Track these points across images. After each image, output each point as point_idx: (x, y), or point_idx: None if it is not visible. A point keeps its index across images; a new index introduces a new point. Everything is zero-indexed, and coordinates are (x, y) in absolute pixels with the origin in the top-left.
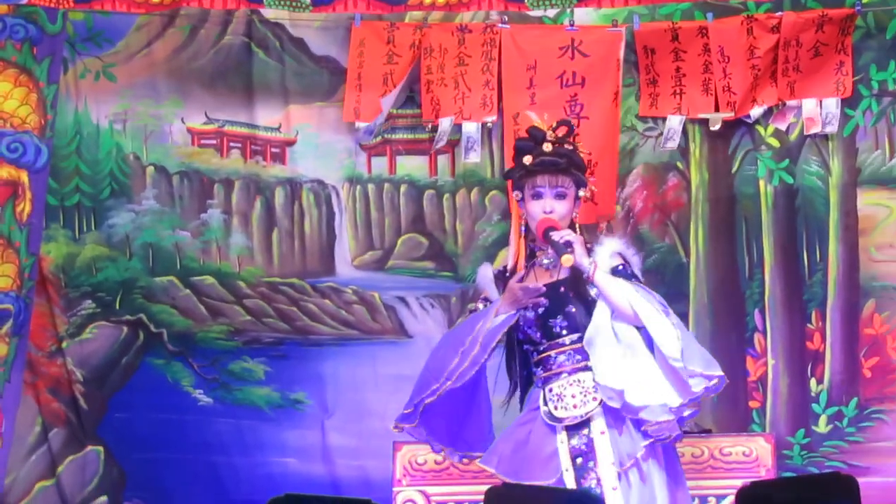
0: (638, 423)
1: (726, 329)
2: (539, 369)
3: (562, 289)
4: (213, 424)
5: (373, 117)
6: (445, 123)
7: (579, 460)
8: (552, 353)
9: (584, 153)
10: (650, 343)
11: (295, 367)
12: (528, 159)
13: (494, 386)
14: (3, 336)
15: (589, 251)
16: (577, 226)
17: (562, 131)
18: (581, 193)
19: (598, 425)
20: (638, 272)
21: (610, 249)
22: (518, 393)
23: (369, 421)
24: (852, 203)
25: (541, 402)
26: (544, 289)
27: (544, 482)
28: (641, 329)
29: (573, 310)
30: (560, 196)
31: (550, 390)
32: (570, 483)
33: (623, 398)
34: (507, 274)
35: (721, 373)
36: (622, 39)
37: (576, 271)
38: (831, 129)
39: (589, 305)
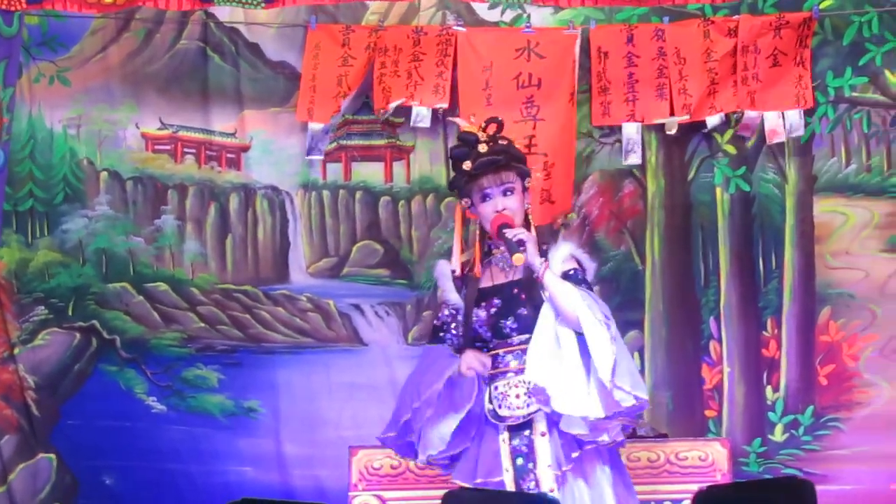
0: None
1: (682, 337)
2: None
3: (515, 290)
4: (166, 432)
5: (326, 118)
6: (392, 106)
7: (519, 461)
8: (500, 351)
9: (533, 150)
10: (587, 352)
11: (249, 374)
12: (467, 164)
13: None
14: None
15: (544, 252)
16: (530, 218)
17: (492, 129)
18: (527, 184)
19: (540, 427)
20: (592, 277)
21: (565, 252)
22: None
23: (323, 429)
24: (808, 210)
25: (486, 400)
26: (483, 367)
27: (485, 480)
28: (581, 336)
29: (524, 312)
30: (508, 192)
31: (496, 388)
32: (510, 483)
33: (548, 401)
34: (466, 273)
35: (646, 397)
36: (577, 40)
37: (530, 273)
38: (798, 133)
39: (540, 308)
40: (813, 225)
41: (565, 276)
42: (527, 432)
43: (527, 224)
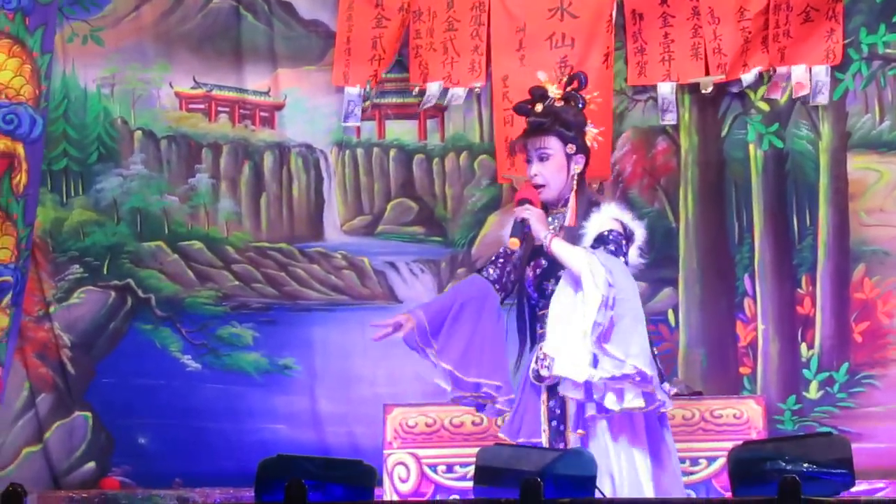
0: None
1: (716, 294)
2: (538, 326)
3: None
4: (201, 390)
5: (362, 81)
6: (434, 88)
7: (554, 423)
8: (544, 312)
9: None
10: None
11: (283, 332)
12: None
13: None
14: (3, 308)
15: (587, 215)
16: (574, 182)
17: (573, 85)
18: (570, 150)
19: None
20: (641, 240)
21: (609, 214)
22: (528, 349)
23: (358, 387)
24: (842, 167)
25: (532, 361)
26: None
27: (530, 440)
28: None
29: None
30: (543, 158)
31: (540, 349)
32: (546, 444)
33: (551, 367)
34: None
35: (643, 368)
36: (610, 0)
37: (571, 236)
38: (823, 99)
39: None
40: (847, 182)
41: (599, 237)
42: (560, 394)
43: (573, 189)
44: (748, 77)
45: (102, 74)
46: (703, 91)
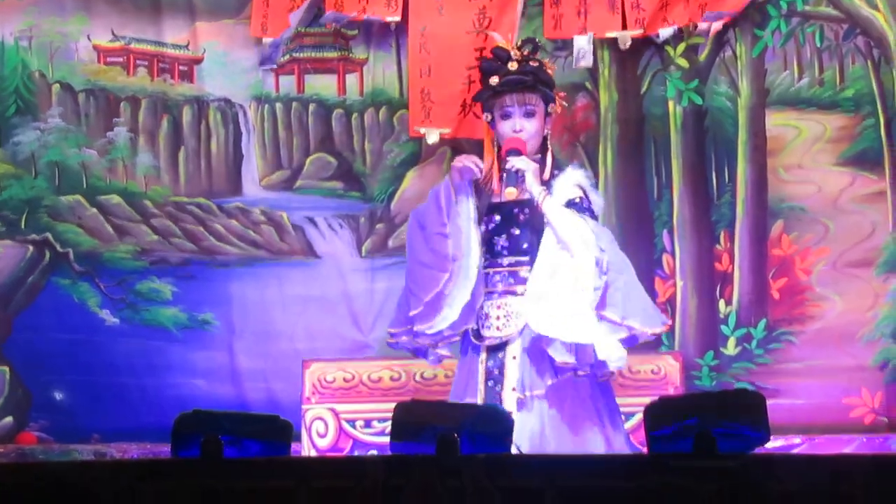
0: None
1: (635, 250)
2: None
3: (515, 210)
4: (120, 345)
5: (280, 32)
6: (342, 17)
7: (490, 382)
8: (490, 271)
9: (551, 68)
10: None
11: (202, 287)
12: (494, 80)
13: None
14: None
15: (552, 177)
16: (548, 143)
17: (527, 49)
18: (550, 110)
19: (513, 350)
20: (598, 210)
21: (572, 180)
22: None
23: (277, 342)
24: (761, 124)
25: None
26: (478, 168)
27: (467, 401)
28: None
29: (516, 232)
30: (529, 114)
31: (481, 308)
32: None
33: (546, 329)
34: (482, 184)
35: (640, 327)
36: None
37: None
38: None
39: (537, 230)
40: (765, 138)
41: (570, 203)
42: (500, 354)
43: (544, 149)
44: (665, 32)
45: (20, 27)
46: (622, 46)
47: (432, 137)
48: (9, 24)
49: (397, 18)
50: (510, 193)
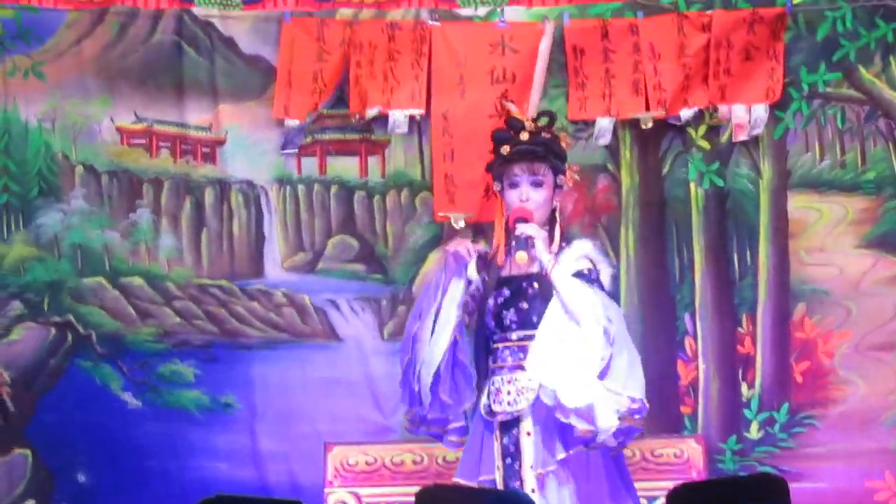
0: (563, 430)
1: (657, 333)
2: (490, 360)
3: (524, 283)
4: (142, 428)
5: (303, 114)
6: (371, 112)
7: (508, 460)
8: (500, 346)
9: (567, 142)
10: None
11: (224, 370)
12: (505, 149)
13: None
14: None
15: (560, 249)
16: (557, 215)
17: (542, 121)
18: (560, 182)
19: (526, 426)
20: (608, 279)
21: (580, 251)
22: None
23: (299, 425)
24: (783, 206)
25: (483, 395)
26: (471, 256)
27: (483, 478)
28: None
29: (525, 306)
30: (536, 184)
31: (493, 384)
32: (500, 482)
33: (556, 398)
34: (489, 259)
35: (640, 397)
36: (551, 34)
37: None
38: (758, 131)
39: (545, 304)
40: (787, 221)
41: (578, 274)
42: (515, 430)
43: (552, 221)
44: (686, 114)
45: (44, 109)
46: (644, 126)
47: (457, 221)
48: (32, 105)
49: (421, 111)
50: (521, 258)
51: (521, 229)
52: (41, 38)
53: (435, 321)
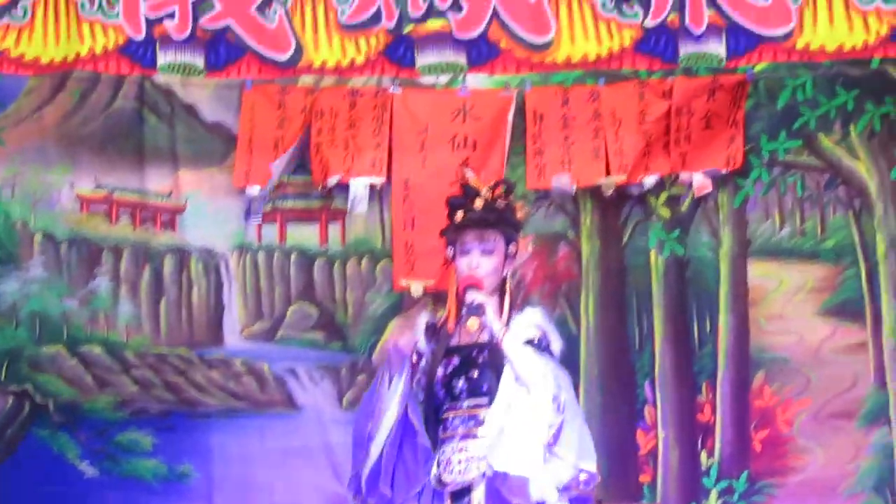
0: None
1: (616, 402)
2: (441, 430)
3: (475, 352)
4: (99, 497)
5: (263, 182)
6: (332, 181)
7: None
8: (451, 415)
9: (522, 211)
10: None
11: (182, 439)
12: (459, 216)
13: None
14: None
15: (510, 318)
16: (507, 285)
17: (499, 190)
18: (511, 251)
19: (477, 495)
20: (557, 350)
21: (530, 320)
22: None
23: (257, 495)
24: (743, 274)
25: (434, 464)
26: (408, 346)
27: None
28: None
29: (476, 374)
30: (487, 252)
31: (443, 453)
32: None
33: (493, 468)
34: (439, 327)
35: (592, 469)
36: (513, 102)
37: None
38: (706, 189)
39: (495, 372)
40: (747, 288)
41: (528, 342)
42: (466, 499)
43: (502, 290)
44: (648, 181)
45: (3, 175)
46: (605, 193)
47: (417, 290)
48: None
49: (382, 179)
50: (472, 325)
51: (472, 296)
52: (2, 104)
53: (381, 420)
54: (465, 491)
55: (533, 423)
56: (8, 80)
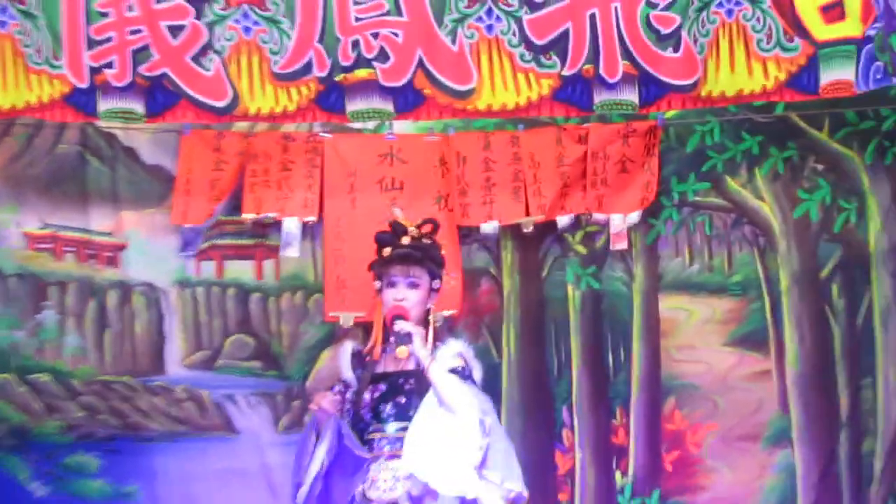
0: None
1: (536, 425)
2: (365, 448)
3: (401, 379)
4: None
5: (200, 220)
6: (292, 226)
7: None
8: (377, 436)
9: (443, 251)
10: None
11: (127, 461)
12: (386, 251)
13: None
14: None
15: (435, 347)
16: (430, 317)
17: (426, 228)
18: (435, 285)
19: None
20: (477, 375)
21: (453, 350)
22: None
23: None
24: (654, 307)
25: (358, 482)
26: (332, 405)
27: None
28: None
29: (402, 400)
30: (413, 286)
31: (369, 470)
32: None
33: (425, 486)
34: (364, 353)
35: (518, 489)
36: (438, 146)
37: (418, 364)
38: (622, 244)
39: (420, 398)
40: (658, 320)
41: (453, 370)
42: None
43: (426, 322)
44: (563, 220)
45: None
46: (525, 230)
47: (347, 321)
48: None
49: (313, 218)
50: (402, 353)
51: (400, 325)
52: None
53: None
54: None
55: (462, 445)
56: None
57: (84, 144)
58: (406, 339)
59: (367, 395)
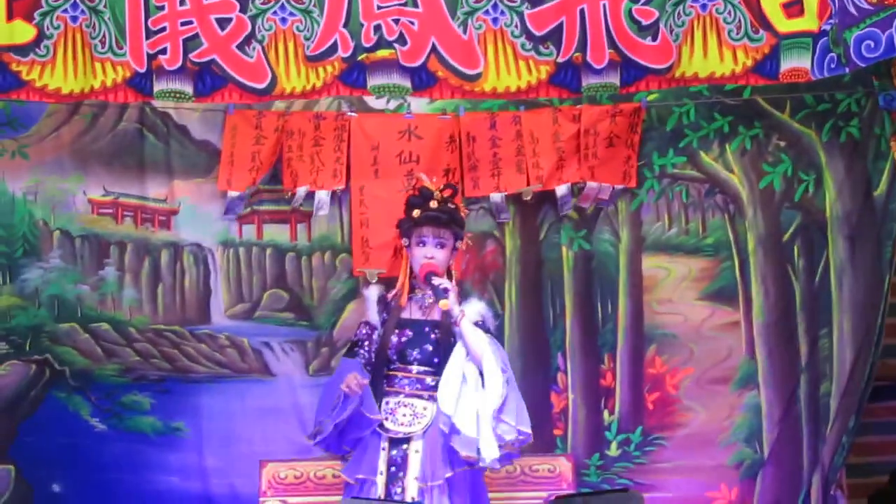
0: (451, 452)
1: (534, 369)
2: (385, 384)
3: (426, 328)
4: (107, 448)
5: (243, 188)
6: (301, 191)
7: (392, 468)
8: (399, 374)
9: (466, 211)
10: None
11: (176, 400)
12: (416, 213)
13: None
14: None
15: (459, 302)
16: (452, 272)
17: (447, 192)
18: (458, 245)
19: (415, 445)
20: (492, 329)
21: (477, 307)
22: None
23: (238, 446)
24: (638, 266)
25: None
26: (359, 391)
27: (367, 477)
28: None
29: (430, 348)
30: (440, 245)
31: (387, 403)
32: (381, 485)
33: (452, 424)
34: (389, 300)
35: (528, 431)
36: (449, 124)
37: (443, 316)
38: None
39: (445, 348)
40: (642, 277)
41: (476, 325)
42: (404, 446)
43: (448, 277)
44: (561, 189)
45: (27, 184)
46: (525, 198)
47: (372, 276)
48: (18, 181)
49: (342, 187)
50: (444, 305)
51: (438, 281)
52: (26, 125)
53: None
54: (405, 440)
55: (485, 392)
56: (32, 106)
57: (142, 122)
58: (443, 293)
59: (394, 338)
